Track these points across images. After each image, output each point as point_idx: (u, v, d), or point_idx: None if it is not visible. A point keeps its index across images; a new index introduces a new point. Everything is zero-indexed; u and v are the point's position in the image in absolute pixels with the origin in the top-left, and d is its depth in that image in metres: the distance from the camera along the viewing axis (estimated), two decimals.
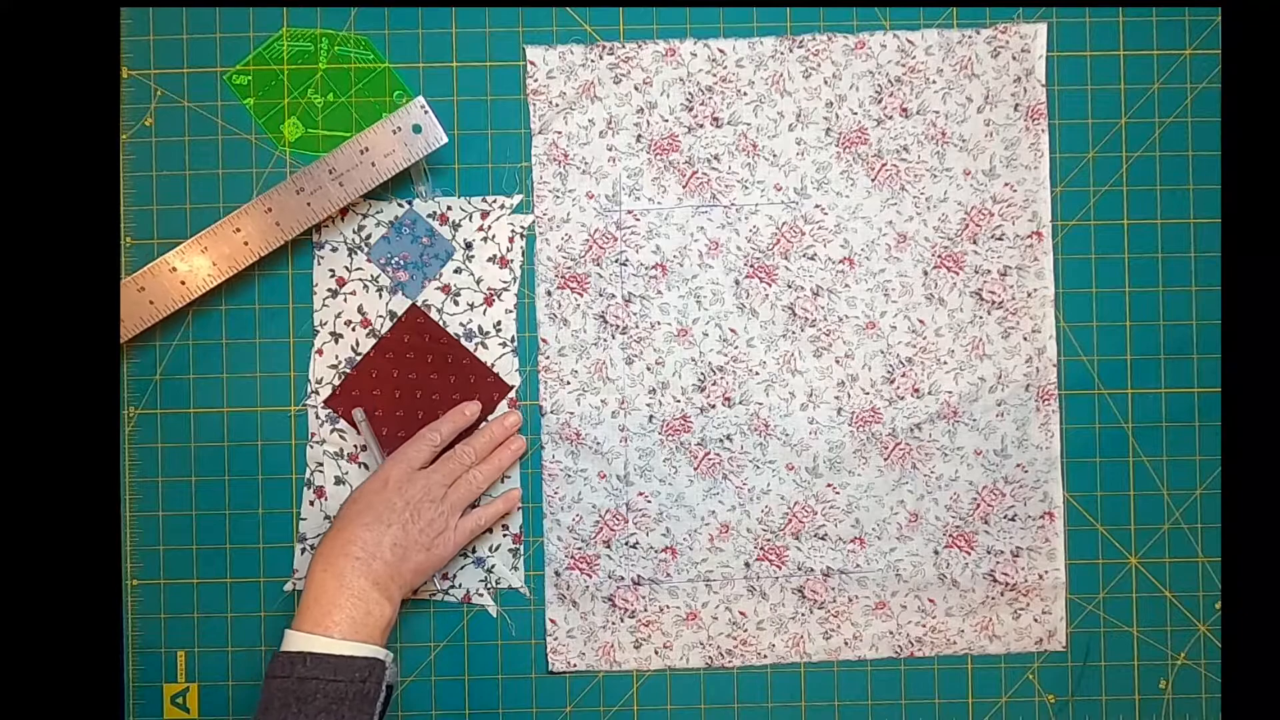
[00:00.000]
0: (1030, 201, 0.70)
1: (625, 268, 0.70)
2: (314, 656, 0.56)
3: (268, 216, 0.66)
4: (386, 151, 0.65)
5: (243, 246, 0.66)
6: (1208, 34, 0.70)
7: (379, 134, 0.65)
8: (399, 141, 0.65)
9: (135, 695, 0.70)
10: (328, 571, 0.59)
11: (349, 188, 0.66)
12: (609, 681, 0.70)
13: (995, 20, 0.70)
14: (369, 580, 0.60)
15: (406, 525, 0.62)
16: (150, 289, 0.67)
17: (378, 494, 0.63)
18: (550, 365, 0.70)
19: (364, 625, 0.59)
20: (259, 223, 0.66)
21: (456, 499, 0.65)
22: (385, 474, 0.64)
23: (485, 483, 0.67)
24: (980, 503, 0.70)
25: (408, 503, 0.63)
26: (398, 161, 0.66)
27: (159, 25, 0.70)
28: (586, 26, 0.70)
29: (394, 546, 0.61)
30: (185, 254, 0.67)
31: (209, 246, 0.66)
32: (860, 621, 0.70)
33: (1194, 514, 0.71)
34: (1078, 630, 0.71)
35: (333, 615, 0.58)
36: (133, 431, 0.70)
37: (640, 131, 0.70)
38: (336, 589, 0.59)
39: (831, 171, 0.70)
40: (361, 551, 0.60)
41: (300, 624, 0.58)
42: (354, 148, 0.65)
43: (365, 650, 0.58)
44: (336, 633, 0.57)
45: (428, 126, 0.65)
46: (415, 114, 0.65)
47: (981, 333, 0.70)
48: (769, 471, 0.70)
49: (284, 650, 0.57)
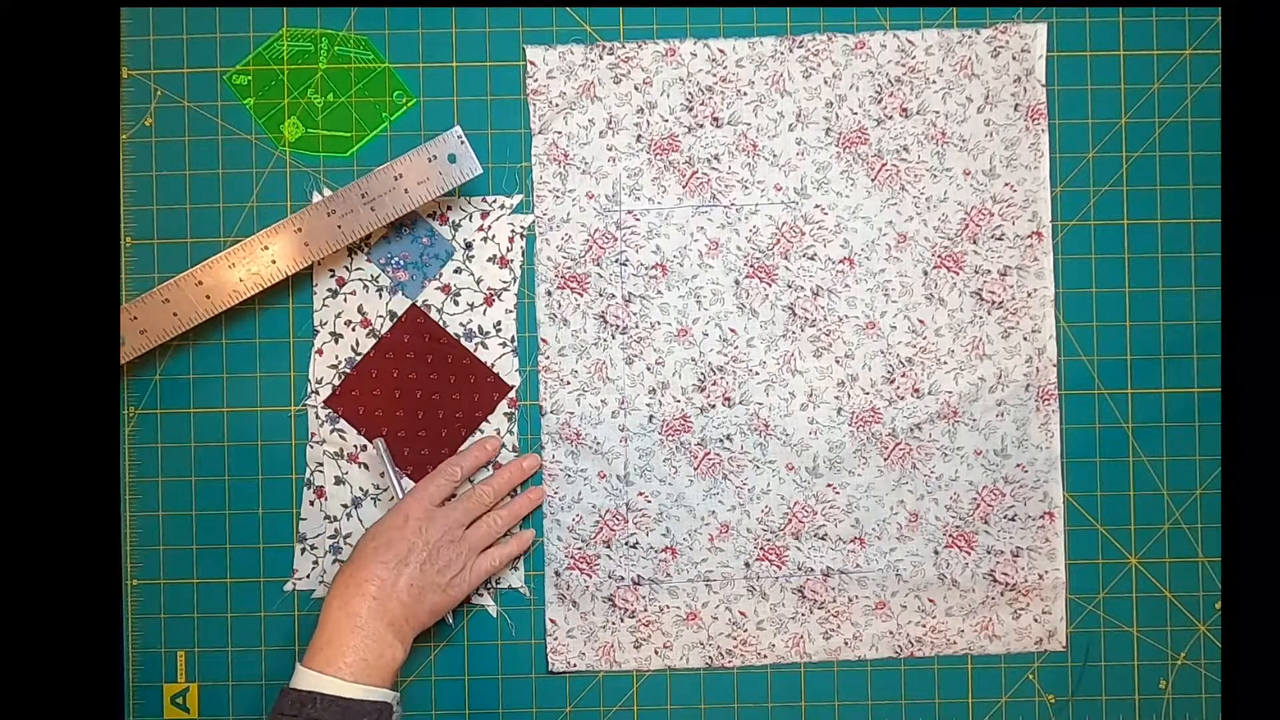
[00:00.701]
0: (1030, 201, 0.70)
1: (625, 268, 0.70)
2: (324, 698, 0.56)
3: (297, 236, 0.66)
4: (420, 179, 0.65)
5: (270, 264, 0.66)
6: (1208, 34, 0.70)
7: (414, 161, 0.65)
8: (434, 170, 0.65)
9: (135, 695, 0.70)
10: (344, 610, 0.59)
11: (380, 213, 0.66)
12: (609, 681, 0.70)
13: (995, 20, 0.70)
14: (384, 621, 0.60)
15: (424, 566, 0.62)
16: (175, 301, 0.66)
17: (398, 531, 0.63)
18: (550, 365, 0.70)
19: (376, 667, 0.58)
20: (288, 242, 0.66)
21: (475, 541, 0.66)
22: (405, 510, 0.64)
23: (504, 528, 0.68)
24: (980, 503, 0.70)
25: (427, 543, 0.63)
26: (430, 190, 0.66)
27: (159, 25, 0.70)
28: (586, 26, 0.70)
29: (410, 587, 0.61)
30: (212, 268, 0.66)
31: (236, 263, 0.66)
32: (860, 621, 0.70)
33: (1194, 514, 0.71)
34: (1078, 630, 0.71)
35: (345, 656, 0.58)
36: (133, 431, 0.70)
37: (640, 131, 0.70)
38: (350, 629, 0.59)
39: (831, 171, 0.70)
40: (378, 591, 0.60)
41: (311, 661, 0.58)
42: (388, 173, 0.65)
43: (375, 694, 0.58)
44: (348, 674, 0.57)
45: (463, 157, 0.65)
46: (451, 143, 0.65)
47: (981, 333, 0.70)
48: (769, 471, 0.70)
49: (294, 688, 0.57)
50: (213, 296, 0.66)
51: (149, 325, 0.66)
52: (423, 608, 0.62)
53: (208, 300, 0.66)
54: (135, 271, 0.70)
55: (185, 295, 0.66)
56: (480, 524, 0.66)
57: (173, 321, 0.66)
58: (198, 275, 0.66)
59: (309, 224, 0.66)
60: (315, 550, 0.70)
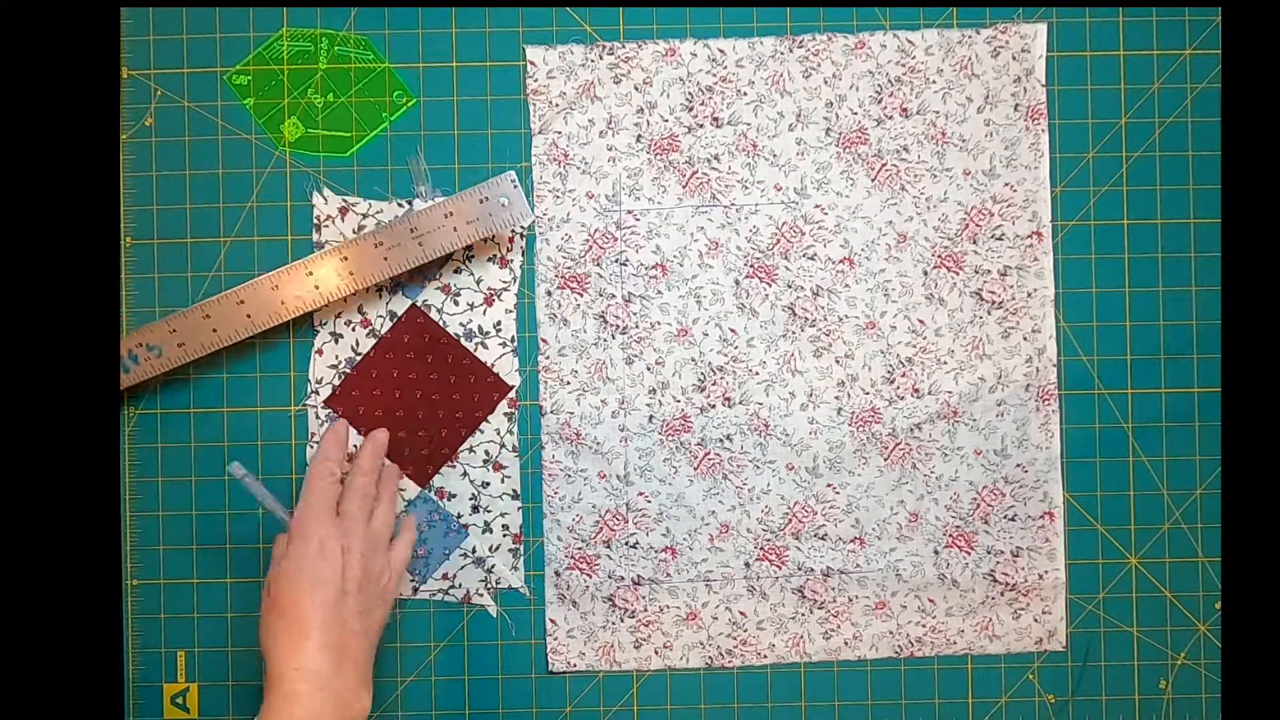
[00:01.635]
0: (1030, 201, 0.70)
1: (625, 268, 0.70)
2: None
3: (343, 265, 0.66)
4: (470, 219, 0.65)
5: (314, 289, 0.66)
6: (1208, 34, 0.70)
7: (465, 201, 0.65)
8: (484, 211, 0.65)
9: (135, 695, 0.70)
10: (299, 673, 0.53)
11: (428, 248, 0.66)
12: (609, 681, 0.70)
13: (995, 20, 0.70)
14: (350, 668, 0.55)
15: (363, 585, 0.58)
16: (215, 317, 0.66)
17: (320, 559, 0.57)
18: (550, 365, 0.70)
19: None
20: (333, 269, 0.66)
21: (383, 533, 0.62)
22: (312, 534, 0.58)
23: (393, 510, 0.65)
24: (980, 503, 0.70)
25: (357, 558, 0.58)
26: (479, 230, 0.66)
27: (159, 25, 0.70)
28: (586, 26, 0.70)
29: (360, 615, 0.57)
30: (256, 289, 0.66)
31: (280, 284, 0.66)
32: (860, 621, 0.70)
33: (1194, 514, 0.71)
34: (1078, 630, 0.71)
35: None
36: (133, 431, 0.70)
37: (640, 131, 0.70)
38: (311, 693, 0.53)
39: (831, 171, 0.70)
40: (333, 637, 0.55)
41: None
42: (439, 211, 0.65)
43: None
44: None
45: (515, 201, 0.65)
46: (505, 187, 0.65)
47: (981, 333, 0.70)
48: (769, 471, 0.70)
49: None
50: (253, 316, 0.66)
51: (188, 339, 0.66)
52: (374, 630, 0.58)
53: (248, 320, 0.66)
54: (135, 271, 0.70)
55: (226, 312, 0.66)
56: (375, 515, 0.62)
57: (212, 337, 0.66)
58: (240, 294, 0.66)
59: (355, 253, 0.66)
60: None
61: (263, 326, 0.67)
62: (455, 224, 0.65)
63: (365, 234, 0.66)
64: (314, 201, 0.70)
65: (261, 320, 0.67)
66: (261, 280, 0.67)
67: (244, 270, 0.70)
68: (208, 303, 0.67)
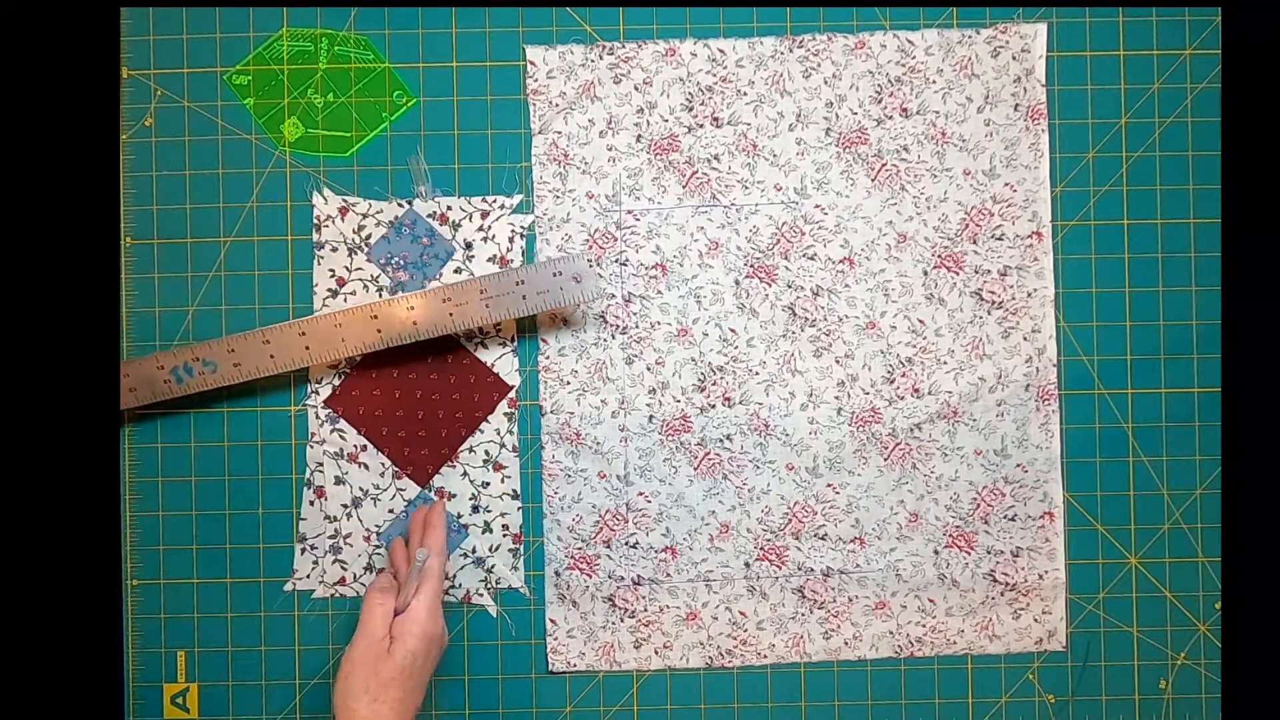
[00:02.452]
0: (1030, 201, 0.70)
1: (625, 268, 0.70)
2: None
3: (409, 313, 0.67)
4: (540, 290, 0.66)
5: (376, 333, 0.67)
6: (1208, 34, 0.70)
7: (539, 273, 0.66)
8: (556, 285, 0.66)
9: (135, 695, 0.70)
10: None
11: (494, 311, 0.66)
12: (609, 681, 0.70)
13: (995, 20, 0.70)
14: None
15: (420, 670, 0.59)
16: (274, 343, 0.67)
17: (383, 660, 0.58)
18: (550, 365, 0.70)
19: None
20: (396, 318, 0.67)
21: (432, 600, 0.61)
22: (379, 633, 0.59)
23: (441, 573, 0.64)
24: (980, 503, 0.70)
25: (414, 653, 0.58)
26: (548, 301, 0.66)
27: (159, 25, 0.70)
28: (586, 26, 0.70)
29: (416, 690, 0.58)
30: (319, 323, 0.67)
31: (342, 323, 0.67)
32: (860, 621, 0.70)
33: (1194, 514, 0.71)
34: (1078, 630, 0.71)
35: None
36: (133, 431, 0.70)
37: (640, 131, 0.70)
38: None
39: (831, 171, 0.70)
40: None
41: None
42: (510, 278, 0.66)
43: None
44: None
45: (587, 278, 0.66)
46: (580, 266, 0.66)
47: (981, 333, 0.70)
48: (769, 471, 0.70)
49: None
50: (312, 349, 0.67)
51: (244, 360, 0.67)
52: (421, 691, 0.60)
53: (307, 351, 0.67)
54: (135, 271, 0.70)
55: (286, 341, 0.67)
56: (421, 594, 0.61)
57: (269, 363, 0.68)
58: (302, 325, 0.67)
59: (422, 305, 0.67)
60: (315, 550, 0.70)
61: (319, 361, 0.67)
62: (525, 292, 0.66)
63: (434, 289, 0.67)
64: (314, 201, 0.70)
65: (320, 355, 0.67)
66: (325, 317, 0.67)
67: (244, 270, 0.70)
68: (269, 329, 0.67)
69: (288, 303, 0.70)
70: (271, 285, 0.70)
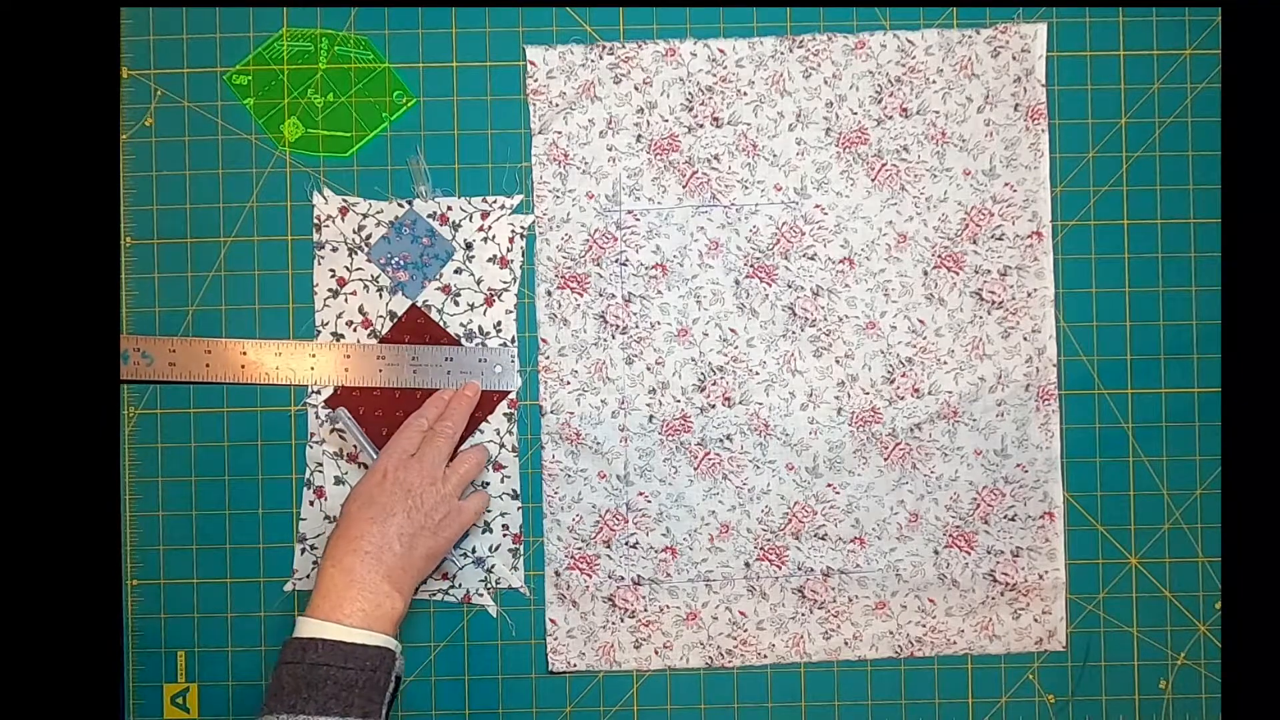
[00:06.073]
0: (1030, 201, 0.70)
1: (625, 268, 0.70)
2: (325, 643, 0.57)
3: (344, 360, 0.70)
4: (464, 370, 0.69)
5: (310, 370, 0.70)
6: (1208, 34, 0.70)
7: (467, 356, 0.69)
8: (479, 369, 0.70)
9: (135, 695, 0.70)
10: (337, 568, 0.60)
11: (420, 378, 0.69)
12: (609, 681, 0.70)
13: (995, 20, 0.70)
14: (380, 574, 0.60)
15: (411, 513, 0.62)
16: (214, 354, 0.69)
17: (378, 487, 0.63)
18: (550, 365, 0.70)
19: (375, 617, 0.59)
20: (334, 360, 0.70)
21: (457, 479, 0.65)
22: (382, 466, 0.64)
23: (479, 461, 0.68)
24: (980, 503, 0.70)
25: (409, 490, 0.63)
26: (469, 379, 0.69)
27: (159, 25, 0.70)
28: (586, 26, 0.70)
29: (401, 536, 0.61)
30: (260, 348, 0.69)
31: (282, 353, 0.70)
32: (860, 621, 0.70)
33: (1194, 514, 0.71)
34: (1078, 630, 0.71)
35: (344, 607, 0.58)
36: (133, 431, 0.70)
37: (640, 131, 0.70)
38: (346, 584, 0.59)
39: (831, 171, 0.70)
40: (370, 545, 0.60)
41: (313, 611, 0.59)
42: (440, 353, 0.69)
43: (377, 639, 0.58)
44: (349, 622, 0.58)
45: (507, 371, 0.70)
46: (503, 359, 0.69)
47: (981, 333, 0.70)
48: (769, 471, 0.70)
49: (296, 636, 0.58)
50: (248, 369, 0.70)
51: (180, 362, 0.70)
52: (417, 554, 0.62)
53: (242, 370, 0.70)
54: (135, 271, 0.70)
55: (226, 356, 0.70)
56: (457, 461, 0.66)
57: (204, 372, 0.70)
58: (244, 345, 0.70)
59: (357, 356, 0.69)
60: (315, 550, 0.70)
61: (253, 382, 0.70)
62: (451, 368, 0.69)
63: (369, 345, 0.70)
64: (314, 201, 0.70)
65: (254, 377, 0.70)
66: (267, 343, 0.69)
67: (244, 270, 0.70)
68: (213, 341, 0.69)
69: (288, 303, 0.70)
70: (271, 285, 0.70)
